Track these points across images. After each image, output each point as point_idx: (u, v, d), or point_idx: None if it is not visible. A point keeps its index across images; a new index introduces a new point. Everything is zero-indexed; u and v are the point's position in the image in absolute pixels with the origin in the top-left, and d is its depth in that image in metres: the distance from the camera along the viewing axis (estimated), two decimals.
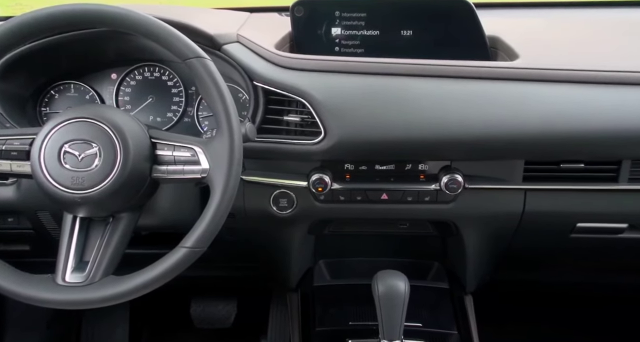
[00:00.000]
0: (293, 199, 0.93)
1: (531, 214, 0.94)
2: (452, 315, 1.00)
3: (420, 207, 0.93)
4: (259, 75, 0.86)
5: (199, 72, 0.72)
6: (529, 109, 0.83)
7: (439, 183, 0.89)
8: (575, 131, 0.82)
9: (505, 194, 0.92)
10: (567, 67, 0.87)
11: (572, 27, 1.12)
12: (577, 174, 0.90)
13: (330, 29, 1.00)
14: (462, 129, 0.83)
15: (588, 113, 0.83)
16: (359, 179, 0.92)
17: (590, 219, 0.95)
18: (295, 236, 1.01)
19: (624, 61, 0.90)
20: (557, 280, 1.23)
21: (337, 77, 0.87)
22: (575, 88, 0.85)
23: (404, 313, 0.80)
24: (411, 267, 1.10)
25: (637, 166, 0.88)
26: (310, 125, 0.87)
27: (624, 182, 0.89)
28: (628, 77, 0.85)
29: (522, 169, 0.90)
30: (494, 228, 0.98)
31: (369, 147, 0.85)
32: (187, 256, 0.70)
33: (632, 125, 0.82)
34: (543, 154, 0.87)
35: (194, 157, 0.73)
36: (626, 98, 0.84)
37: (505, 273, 1.17)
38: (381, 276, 0.82)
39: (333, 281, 1.11)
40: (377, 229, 1.06)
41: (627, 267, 1.16)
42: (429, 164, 0.91)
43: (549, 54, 0.94)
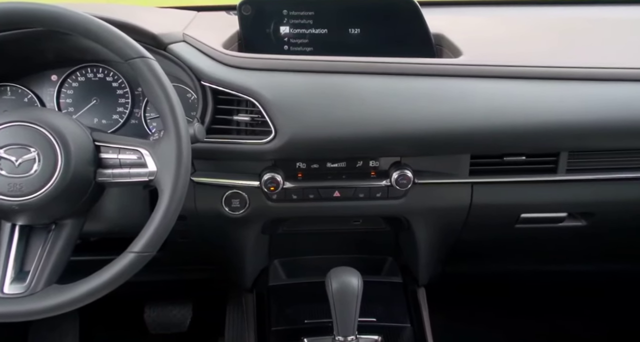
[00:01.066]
0: (245, 199, 0.92)
1: (478, 206, 0.97)
2: (406, 308, 1.02)
3: (372, 204, 0.95)
4: (206, 75, 0.85)
5: (143, 73, 0.70)
6: (473, 105, 0.85)
7: (390, 179, 0.91)
8: (516, 125, 0.85)
9: (453, 188, 0.95)
10: (508, 63, 0.90)
11: (514, 25, 1.17)
12: (519, 167, 0.93)
13: (278, 27, 1.00)
14: (409, 125, 0.84)
15: (528, 108, 0.86)
16: (311, 177, 0.93)
17: (533, 209, 0.99)
18: (248, 236, 1.00)
19: (562, 58, 0.94)
20: (505, 269, 1.27)
21: (286, 75, 0.87)
22: (516, 84, 0.88)
23: (358, 309, 0.81)
24: (365, 263, 1.11)
25: (573, 158, 0.92)
26: (260, 125, 0.86)
27: (562, 173, 0.93)
28: (565, 73, 0.89)
29: (468, 163, 0.93)
30: (444, 221, 1.01)
31: (319, 145, 0.85)
32: (136, 260, 0.68)
33: (568, 119, 0.85)
34: (487, 148, 0.90)
35: (141, 159, 0.72)
36: (563, 93, 0.87)
37: (456, 265, 1.20)
38: (334, 273, 0.83)
39: (288, 280, 1.11)
40: (330, 227, 1.07)
41: (569, 254, 1.21)
42: (380, 161, 0.93)
43: (492, 50, 0.97)
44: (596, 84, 0.88)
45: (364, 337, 0.89)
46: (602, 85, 0.88)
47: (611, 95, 0.87)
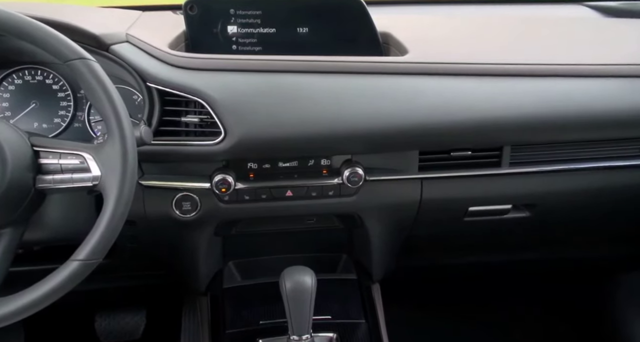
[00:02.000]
0: (196, 201, 0.91)
1: (428, 201, 0.99)
2: (360, 305, 1.03)
3: (324, 202, 0.95)
4: (151, 76, 0.83)
5: (83, 75, 0.68)
6: (420, 102, 0.87)
7: (341, 177, 0.91)
8: (460, 121, 0.88)
9: (404, 184, 0.97)
10: (452, 61, 0.92)
11: (458, 23, 1.20)
12: (466, 161, 0.96)
13: (226, 27, 0.99)
14: (357, 123, 0.85)
15: (471, 104, 0.88)
16: (263, 178, 0.92)
17: (480, 202, 1.02)
18: (201, 239, 0.99)
19: (503, 55, 0.97)
20: (457, 261, 1.31)
21: (234, 75, 0.86)
22: (460, 81, 0.90)
23: (312, 307, 0.81)
24: (320, 261, 1.12)
25: (516, 151, 0.96)
26: (210, 126, 0.85)
27: (505, 167, 0.96)
28: (505, 70, 0.92)
29: (417, 160, 0.95)
30: (396, 217, 1.02)
31: (269, 145, 0.85)
32: (80, 269, 0.66)
33: (508, 114, 0.89)
34: (434, 144, 0.92)
35: (83, 164, 0.69)
36: (503, 89, 0.90)
37: (409, 259, 1.23)
38: (288, 272, 0.83)
39: (243, 281, 1.10)
40: (284, 226, 1.07)
41: (516, 244, 1.26)
42: (331, 159, 0.93)
43: (437, 48, 0.99)
44: (534, 80, 0.91)
45: (319, 336, 0.90)
46: (539, 81, 0.91)
47: (547, 91, 0.90)
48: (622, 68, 0.94)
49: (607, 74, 0.94)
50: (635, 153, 0.98)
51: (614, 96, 0.92)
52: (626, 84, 0.93)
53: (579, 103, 0.90)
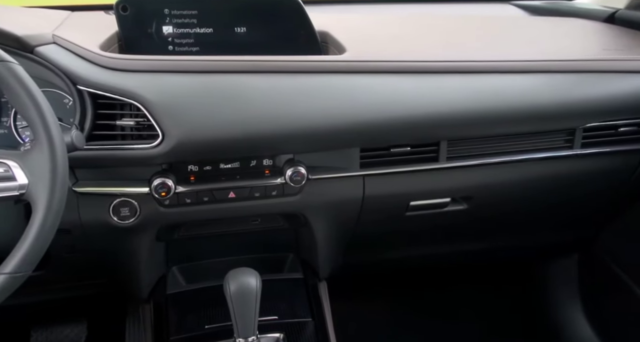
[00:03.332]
0: (135, 207, 0.88)
1: (371, 197, 1.01)
2: (307, 303, 1.03)
3: (268, 202, 0.95)
4: (82, 79, 0.80)
5: (4, 78, 0.64)
6: (358, 100, 0.88)
7: (284, 176, 0.91)
8: (398, 118, 0.89)
9: (346, 182, 0.98)
10: (389, 59, 0.94)
11: (395, 22, 1.23)
12: (405, 157, 0.98)
13: (161, 27, 0.97)
14: (297, 122, 0.86)
15: (407, 101, 0.90)
16: (205, 180, 0.91)
17: (420, 197, 1.05)
18: (142, 245, 0.96)
19: (438, 53, 1.00)
20: (401, 255, 1.33)
21: (170, 76, 0.84)
22: (398, 78, 0.92)
23: (257, 309, 0.81)
24: (267, 261, 1.11)
25: (452, 146, 0.99)
26: (146, 129, 0.83)
27: (443, 161, 0.99)
28: (440, 67, 0.94)
29: (358, 157, 0.96)
30: (340, 214, 1.03)
31: (209, 146, 0.84)
32: (7, 282, 0.62)
33: (444, 110, 0.91)
34: (374, 141, 0.94)
35: (8, 172, 0.66)
36: (439, 86, 0.93)
37: (355, 256, 1.24)
38: (232, 275, 0.82)
39: (188, 286, 1.08)
40: (229, 228, 1.06)
41: (456, 235, 1.30)
42: (273, 159, 0.93)
43: (374, 47, 1.01)
44: (466, 77, 0.94)
45: (266, 337, 0.89)
46: (471, 78, 0.94)
47: (479, 87, 0.94)
48: (548, 64, 0.98)
49: (534, 69, 0.98)
50: (562, 144, 1.04)
51: (541, 91, 0.96)
52: (552, 79, 0.97)
53: (509, 98, 0.94)
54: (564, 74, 0.98)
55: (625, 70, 0.97)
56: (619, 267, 1.30)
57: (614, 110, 0.97)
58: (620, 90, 0.96)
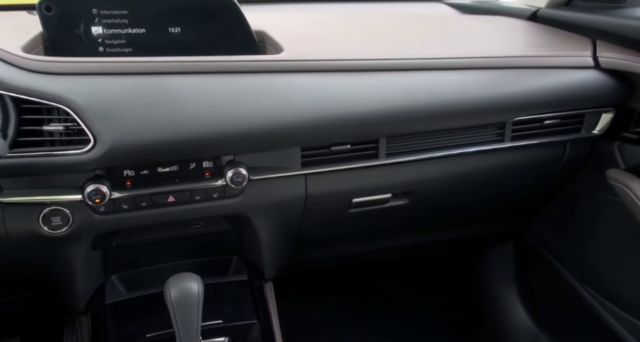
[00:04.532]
0: (68, 215, 0.84)
1: (313, 196, 1.01)
2: (252, 305, 1.03)
3: (210, 205, 0.94)
4: (2, 83, 0.76)
5: None
6: (296, 99, 0.88)
7: (225, 178, 0.90)
8: (337, 116, 0.90)
9: (288, 181, 0.98)
10: (327, 57, 0.94)
11: (331, 21, 1.23)
12: (346, 155, 0.99)
13: (89, 28, 0.93)
14: (235, 123, 0.84)
15: (346, 99, 0.91)
16: (142, 185, 0.88)
17: (362, 193, 1.06)
18: (76, 255, 0.92)
19: (374, 51, 1.01)
20: (347, 251, 1.35)
21: (101, 79, 0.81)
22: (335, 77, 0.93)
23: (200, 314, 0.79)
24: (211, 265, 1.10)
25: (391, 143, 1.00)
26: (77, 134, 0.79)
27: (382, 158, 1.01)
28: (376, 65, 0.96)
29: (299, 156, 0.96)
30: (283, 214, 1.03)
31: (145, 150, 0.81)
32: None
33: (381, 107, 0.92)
34: (314, 140, 0.94)
35: None
36: (375, 84, 0.94)
37: (301, 254, 1.25)
38: (172, 280, 0.80)
39: (128, 294, 1.04)
40: (170, 233, 1.03)
41: (400, 230, 1.33)
42: (213, 161, 0.92)
43: (311, 46, 1.02)
44: (401, 74, 0.96)
45: (210, 341, 0.88)
46: (406, 75, 0.96)
47: (414, 84, 0.96)
48: (478, 61, 1.01)
49: (465, 66, 1.00)
50: (493, 138, 1.07)
51: (472, 87, 0.99)
52: (482, 76, 1.00)
53: (443, 95, 0.97)
54: (493, 71, 1.01)
55: (548, 66, 1.02)
56: (549, 254, 1.37)
57: (538, 104, 1.02)
58: (544, 85, 1.01)
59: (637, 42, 0.99)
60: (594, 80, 1.03)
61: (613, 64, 1.01)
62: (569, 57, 1.03)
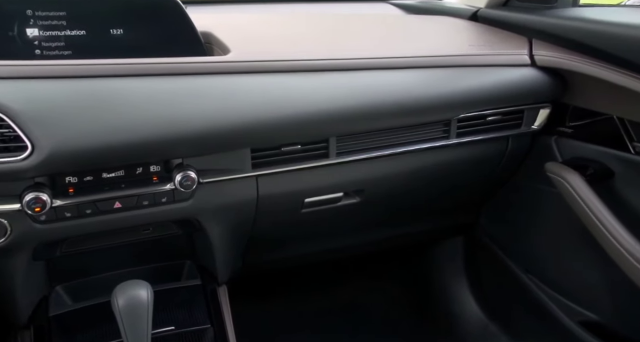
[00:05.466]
0: (5, 225, 0.81)
1: (265, 197, 1.01)
2: (206, 310, 1.01)
3: (159, 210, 0.92)
4: None
5: None
6: (244, 100, 0.88)
7: (174, 182, 0.88)
8: (286, 116, 0.90)
9: (239, 183, 0.97)
10: (275, 58, 0.94)
11: (278, 21, 1.23)
12: (296, 155, 0.99)
13: (24, 29, 0.89)
14: (184, 126, 0.83)
15: (295, 99, 0.91)
16: (86, 191, 0.85)
17: (314, 193, 1.07)
18: (16, 266, 0.88)
19: (322, 51, 1.01)
20: (302, 251, 1.35)
21: (38, 83, 0.78)
22: (283, 77, 0.93)
23: (150, 322, 0.78)
24: (162, 271, 1.07)
25: (341, 142, 1.01)
26: (13, 140, 0.76)
27: (333, 157, 1.01)
28: (325, 65, 0.96)
29: (249, 157, 0.96)
30: (235, 217, 1.02)
31: (86, 156, 0.78)
32: None
33: (330, 107, 0.93)
34: (264, 141, 0.94)
35: None
36: (324, 84, 0.95)
37: (255, 256, 1.24)
38: (120, 288, 0.78)
39: (74, 305, 1.00)
40: (118, 240, 1.00)
41: (354, 228, 1.35)
42: (161, 165, 0.89)
43: (259, 46, 1.01)
44: (349, 74, 0.97)
45: None
46: (354, 75, 0.97)
47: (362, 83, 0.97)
48: (424, 60, 1.04)
49: (411, 65, 1.02)
50: (440, 135, 1.10)
51: (419, 85, 1.01)
52: (428, 74, 1.03)
53: (390, 93, 0.98)
54: (437, 69, 1.04)
55: (488, 64, 1.05)
56: (496, 246, 1.42)
57: (480, 101, 1.06)
58: (485, 82, 1.04)
59: (567, 40, 1.04)
60: (531, 77, 1.07)
61: (547, 61, 1.06)
62: (508, 56, 1.07)
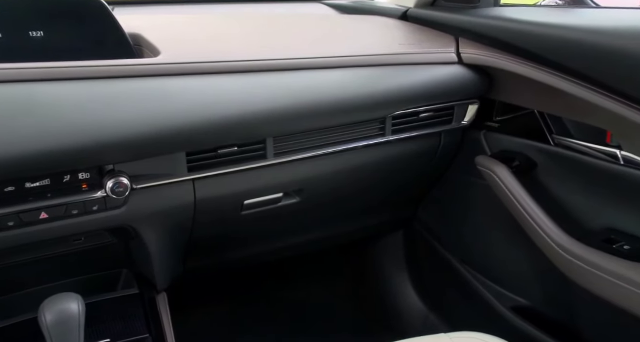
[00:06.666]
0: None
1: (203, 201, 0.99)
2: (144, 319, 0.98)
3: (90, 219, 0.88)
4: None
5: None
6: (176, 103, 0.86)
7: (105, 189, 0.85)
8: (220, 119, 0.88)
9: (175, 188, 0.95)
10: (207, 59, 0.93)
11: (210, 22, 1.21)
12: (234, 157, 0.98)
13: None
14: (114, 131, 0.80)
15: (229, 101, 0.90)
16: (7, 202, 0.80)
17: (254, 195, 1.06)
18: None
19: (256, 51, 1.01)
20: (245, 254, 1.34)
21: None
22: (216, 79, 0.91)
23: (82, 336, 0.74)
24: (98, 281, 1.03)
25: (278, 142, 1.01)
26: None
27: (271, 158, 1.01)
28: (259, 66, 0.96)
29: (185, 161, 0.93)
30: (173, 222, 1.00)
31: (6, 165, 0.73)
32: None
33: (265, 108, 0.92)
34: (198, 144, 0.92)
35: None
36: (258, 85, 0.94)
37: (197, 261, 1.22)
38: (48, 303, 0.74)
39: None
40: (48, 252, 0.96)
41: (297, 228, 1.35)
42: (90, 172, 0.86)
43: (190, 48, 0.99)
44: (283, 75, 0.97)
45: None
46: (288, 75, 0.97)
47: (296, 84, 0.97)
48: (357, 59, 1.05)
49: (345, 65, 1.04)
50: (376, 133, 1.12)
51: (353, 84, 1.02)
52: (362, 73, 1.04)
53: (324, 93, 0.99)
54: (370, 68, 1.06)
55: (418, 63, 1.08)
56: (434, 239, 1.47)
57: (413, 99, 1.09)
58: (416, 80, 1.07)
59: (490, 39, 1.09)
60: (459, 75, 1.11)
61: (473, 59, 1.11)
62: (436, 54, 1.11)
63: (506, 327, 1.24)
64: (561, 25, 0.96)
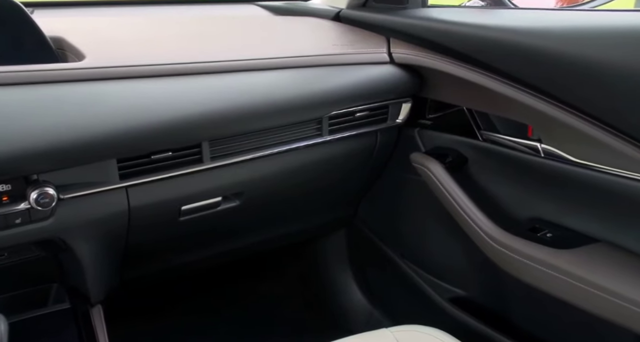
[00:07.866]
0: None
1: (138, 209, 0.96)
2: (77, 334, 0.94)
3: (13, 232, 0.83)
4: None
5: None
6: (103, 109, 0.82)
7: (28, 201, 0.81)
8: (151, 123, 0.86)
9: (106, 196, 0.91)
10: (135, 63, 0.90)
11: (138, 25, 1.18)
12: (168, 162, 0.95)
13: None
14: (36, 139, 0.76)
15: (159, 105, 0.87)
16: None
17: (191, 200, 1.04)
18: None
19: (186, 54, 0.99)
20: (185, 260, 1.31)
21: None
22: (145, 82, 0.89)
23: None
24: (25, 298, 0.98)
25: (214, 146, 0.99)
26: None
27: (207, 162, 0.99)
28: (191, 68, 0.94)
29: (116, 168, 0.90)
30: (105, 232, 0.96)
31: None
32: None
33: (198, 111, 0.91)
34: (129, 150, 0.89)
35: None
36: (190, 87, 0.92)
37: (134, 270, 1.18)
38: None
39: None
40: None
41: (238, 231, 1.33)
42: (11, 183, 0.81)
43: (117, 51, 0.96)
44: (217, 77, 0.96)
45: None
46: (221, 77, 0.96)
47: (230, 86, 0.96)
48: (291, 60, 1.05)
49: (280, 66, 1.03)
50: (314, 133, 1.13)
51: (287, 85, 1.02)
52: (296, 74, 1.05)
53: (258, 95, 0.98)
54: (305, 69, 1.06)
55: (352, 63, 1.10)
56: (374, 236, 1.50)
57: (347, 99, 1.10)
58: (350, 80, 1.08)
59: (418, 38, 1.12)
60: (391, 74, 1.14)
61: (404, 59, 1.14)
62: (368, 54, 1.13)
63: (445, 318, 1.28)
64: (483, 25, 1.00)
